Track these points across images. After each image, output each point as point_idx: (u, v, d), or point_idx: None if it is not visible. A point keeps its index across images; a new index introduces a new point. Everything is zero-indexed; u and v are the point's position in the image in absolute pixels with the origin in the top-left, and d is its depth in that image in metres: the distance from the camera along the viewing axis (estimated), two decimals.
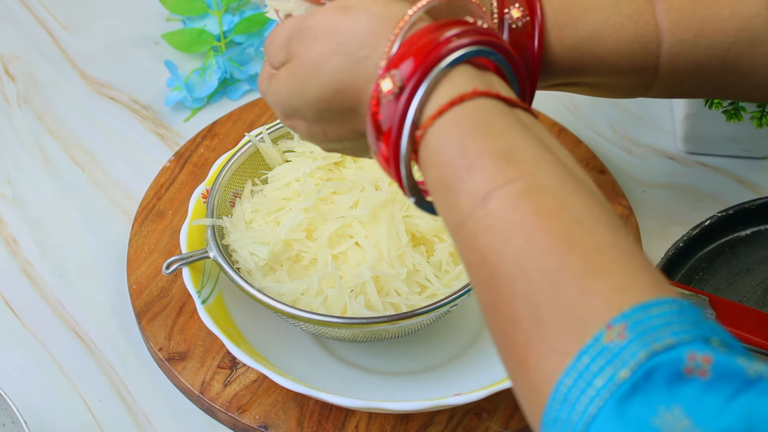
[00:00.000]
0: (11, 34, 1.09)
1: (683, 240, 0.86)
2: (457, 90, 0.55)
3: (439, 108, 0.54)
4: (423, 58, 0.55)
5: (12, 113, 1.02)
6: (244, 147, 0.84)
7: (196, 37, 1.05)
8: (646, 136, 0.99)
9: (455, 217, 0.53)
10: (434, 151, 0.54)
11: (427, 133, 0.54)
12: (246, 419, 0.79)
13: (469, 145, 0.53)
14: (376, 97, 0.57)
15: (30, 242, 0.92)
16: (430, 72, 0.55)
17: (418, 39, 0.56)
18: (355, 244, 0.79)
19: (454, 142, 0.53)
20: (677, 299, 0.47)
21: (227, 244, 0.80)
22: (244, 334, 0.80)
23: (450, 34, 0.55)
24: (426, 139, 0.55)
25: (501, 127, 0.54)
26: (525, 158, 0.52)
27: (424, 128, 0.55)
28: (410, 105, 0.55)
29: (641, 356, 0.45)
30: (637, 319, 0.46)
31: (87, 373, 0.84)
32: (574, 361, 0.46)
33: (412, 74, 0.55)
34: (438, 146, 0.54)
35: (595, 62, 0.69)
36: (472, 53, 0.56)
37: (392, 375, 0.82)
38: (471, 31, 0.56)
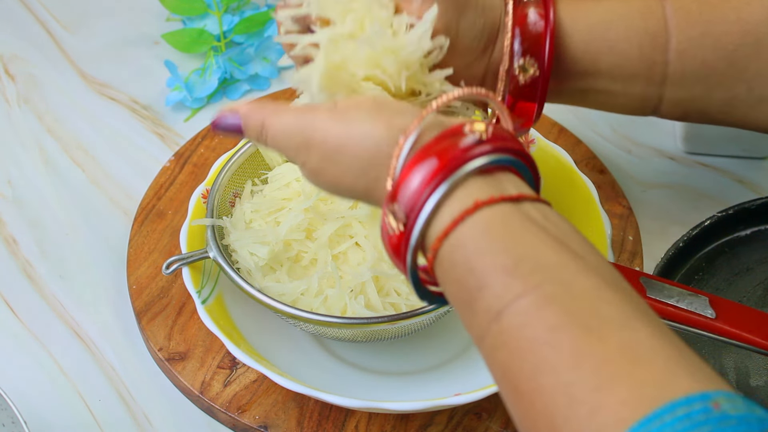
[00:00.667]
0: (11, 34, 1.09)
1: (683, 240, 0.86)
2: (461, 206, 0.55)
3: (445, 229, 0.55)
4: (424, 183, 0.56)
5: (12, 113, 1.02)
6: (244, 147, 0.84)
7: (196, 37, 1.05)
8: (646, 136, 0.99)
9: (475, 332, 0.55)
10: (447, 270, 0.56)
11: (438, 255, 0.56)
12: (246, 419, 0.79)
13: (476, 264, 0.54)
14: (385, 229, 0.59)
15: (30, 242, 0.92)
16: (430, 197, 0.56)
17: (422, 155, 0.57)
18: (355, 244, 0.79)
19: (461, 262, 0.54)
20: (688, 397, 0.47)
21: (227, 244, 0.80)
22: (244, 334, 0.80)
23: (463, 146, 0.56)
24: (438, 260, 0.56)
25: (505, 237, 0.54)
26: (530, 268, 0.53)
27: (434, 250, 0.56)
28: (410, 239, 0.57)
29: None
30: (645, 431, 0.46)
31: (87, 373, 0.84)
32: None
33: (414, 203, 0.56)
34: (450, 265, 0.55)
35: (605, 49, 0.71)
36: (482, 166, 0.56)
37: (392, 375, 0.82)
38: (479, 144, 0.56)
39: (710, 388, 0.47)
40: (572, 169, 0.86)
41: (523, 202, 0.56)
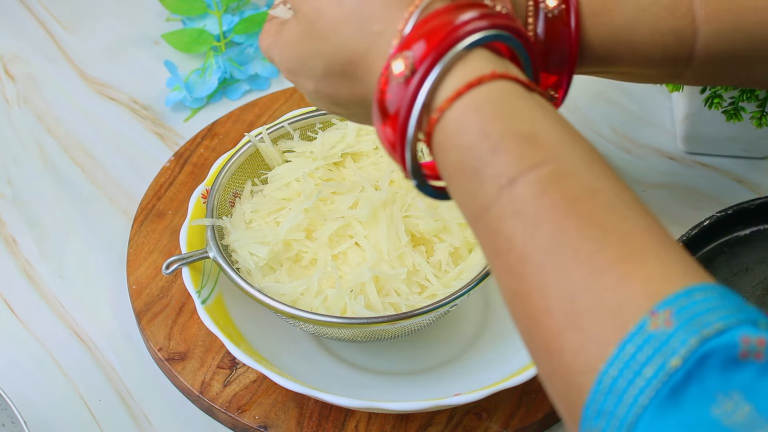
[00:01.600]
0: (11, 34, 1.09)
1: (682, 240, 0.86)
2: (475, 72, 0.52)
3: (457, 90, 0.52)
4: (438, 41, 0.52)
5: (12, 113, 1.02)
6: (244, 147, 0.84)
7: (196, 37, 1.05)
8: (646, 136, 0.99)
9: (478, 202, 0.51)
10: (453, 135, 0.52)
11: (444, 116, 0.52)
12: (246, 419, 0.79)
13: (492, 127, 0.51)
14: (385, 76, 0.54)
15: (30, 242, 0.92)
16: (445, 54, 0.52)
17: (434, 19, 0.53)
18: (355, 244, 0.79)
19: (475, 125, 0.51)
20: (717, 285, 0.46)
21: (227, 244, 0.80)
22: (244, 334, 0.80)
23: (467, 18, 0.53)
24: (443, 122, 0.52)
25: (522, 110, 0.51)
26: (550, 141, 0.50)
27: (440, 111, 0.52)
28: (421, 88, 0.53)
29: (692, 343, 0.43)
30: (681, 305, 0.44)
31: (87, 373, 0.84)
32: (618, 350, 0.44)
33: (426, 56, 0.53)
34: (457, 129, 0.52)
35: (628, 52, 0.67)
36: (489, 38, 0.53)
37: (392, 375, 0.82)
38: (488, 15, 0.54)
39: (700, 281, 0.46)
40: None
41: (533, 91, 0.53)
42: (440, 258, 0.78)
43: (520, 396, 0.80)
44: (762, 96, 0.87)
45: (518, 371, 0.77)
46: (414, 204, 0.79)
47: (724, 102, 0.88)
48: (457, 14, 0.54)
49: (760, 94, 0.87)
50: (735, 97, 0.88)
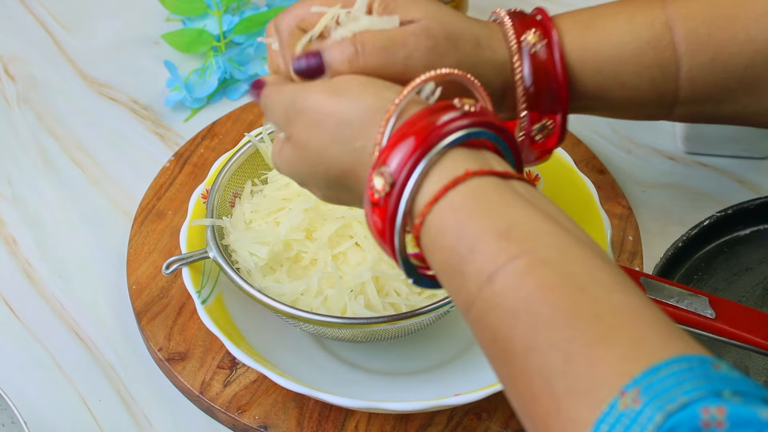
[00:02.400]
0: (11, 34, 1.09)
1: (682, 240, 0.86)
2: (450, 174, 0.55)
3: (434, 195, 0.55)
4: (413, 150, 0.56)
5: (12, 113, 1.02)
6: (244, 147, 0.84)
7: (196, 37, 1.05)
8: (646, 136, 0.99)
9: (464, 298, 0.54)
10: (435, 237, 0.55)
11: (426, 221, 0.56)
12: (246, 419, 0.79)
13: (468, 228, 0.54)
14: (370, 189, 0.58)
15: (30, 242, 0.92)
16: (420, 162, 0.56)
17: (407, 128, 0.57)
18: (355, 245, 0.79)
19: (453, 227, 0.54)
20: (686, 356, 0.48)
21: (227, 244, 0.80)
22: (244, 334, 0.80)
23: (442, 120, 0.56)
24: (426, 226, 0.56)
25: (497, 204, 0.54)
26: (524, 233, 0.53)
27: (422, 216, 0.56)
28: (400, 201, 0.56)
29: (658, 419, 0.45)
30: (648, 383, 0.46)
31: (87, 373, 0.84)
32: (593, 430, 0.47)
33: (402, 167, 0.56)
34: (438, 232, 0.55)
35: (616, 86, 0.70)
36: (462, 138, 0.56)
37: (392, 375, 0.82)
38: (459, 117, 0.57)
39: (707, 354, 0.48)
40: (572, 169, 0.86)
41: (510, 179, 0.56)
42: None
43: None
44: None
45: None
46: None
47: None
48: (432, 118, 0.56)
49: None
50: None
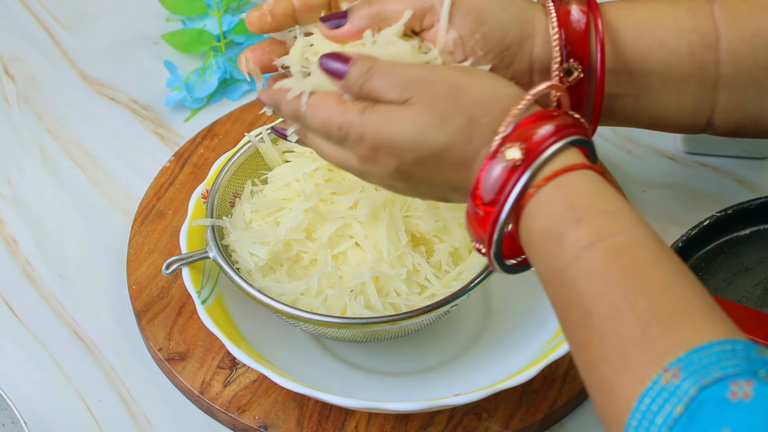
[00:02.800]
0: (11, 34, 1.09)
1: (682, 240, 0.86)
2: (567, 162, 0.61)
3: (554, 172, 0.60)
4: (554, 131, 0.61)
5: (12, 113, 1.02)
6: (244, 147, 0.84)
7: (196, 37, 1.05)
8: (646, 136, 0.99)
9: (557, 262, 0.59)
10: (543, 206, 0.60)
11: (538, 192, 0.60)
12: (246, 419, 0.79)
13: (578, 201, 0.59)
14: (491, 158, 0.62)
15: (30, 242, 0.92)
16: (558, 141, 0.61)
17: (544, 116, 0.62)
18: (355, 245, 0.79)
19: (563, 198, 0.60)
20: (731, 339, 0.52)
21: (227, 244, 0.80)
22: (244, 334, 0.80)
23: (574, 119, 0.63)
24: (536, 197, 0.60)
25: (603, 192, 0.60)
26: (625, 218, 0.59)
27: (536, 187, 0.60)
28: (526, 171, 0.61)
29: (692, 391, 0.50)
30: (690, 360, 0.51)
31: (87, 373, 0.84)
32: (637, 403, 0.52)
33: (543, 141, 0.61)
34: (548, 201, 0.60)
35: (655, 46, 0.71)
36: (578, 141, 0.62)
37: (392, 375, 0.82)
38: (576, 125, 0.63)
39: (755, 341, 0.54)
40: None
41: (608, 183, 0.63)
42: (440, 258, 0.78)
43: (520, 396, 0.80)
44: None
45: (518, 371, 0.77)
46: (414, 204, 0.79)
47: None
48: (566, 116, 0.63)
49: None
50: None
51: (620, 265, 0.56)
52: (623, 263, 0.56)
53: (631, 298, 0.55)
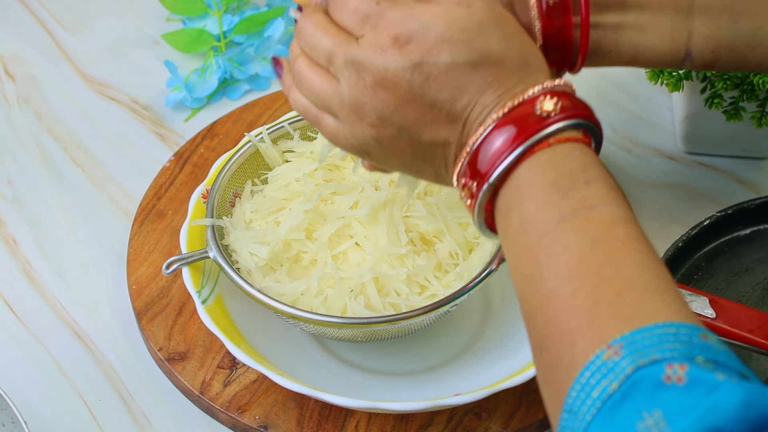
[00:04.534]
0: (11, 34, 1.09)
1: (682, 240, 0.86)
2: (579, 135, 0.61)
3: (575, 137, 0.61)
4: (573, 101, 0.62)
5: (12, 113, 1.02)
6: (244, 147, 0.84)
7: (196, 37, 1.05)
8: (646, 136, 0.99)
9: (554, 213, 0.58)
10: (559, 159, 0.60)
11: (556, 145, 0.60)
12: (246, 419, 0.79)
13: (591, 169, 0.60)
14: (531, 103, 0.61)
15: (30, 242, 0.92)
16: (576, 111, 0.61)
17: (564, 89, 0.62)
18: (355, 245, 0.79)
19: (580, 161, 0.60)
20: (676, 323, 0.53)
21: (227, 244, 0.80)
22: (244, 334, 0.80)
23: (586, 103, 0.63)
24: (553, 148, 0.60)
25: (607, 172, 0.61)
26: (624, 200, 0.60)
27: (556, 140, 0.60)
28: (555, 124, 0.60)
29: (628, 370, 0.51)
30: (632, 339, 0.52)
31: (87, 373, 0.84)
32: (579, 375, 0.53)
33: (566, 109, 0.61)
34: (564, 157, 0.60)
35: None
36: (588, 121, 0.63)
37: (392, 375, 0.82)
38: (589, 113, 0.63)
39: (699, 325, 0.53)
40: None
41: None
42: (440, 258, 0.78)
43: (520, 396, 0.80)
44: (762, 96, 0.87)
45: (518, 371, 0.77)
46: (414, 204, 0.79)
47: (724, 102, 0.88)
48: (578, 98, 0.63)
49: (761, 94, 0.87)
50: (735, 97, 0.88)
51: (613, 232, 0.57)
52: (616, 232, 0.57)
53: (617, 265, 0.56)
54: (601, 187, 0.59)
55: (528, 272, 0.58)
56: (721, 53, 0.74)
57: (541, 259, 0.58)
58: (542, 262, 0.58)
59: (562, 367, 0.54)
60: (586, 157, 0.60)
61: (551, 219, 0.58)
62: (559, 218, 0.58)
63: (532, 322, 0.58)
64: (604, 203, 0.58)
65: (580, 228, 0.57)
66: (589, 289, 0.55)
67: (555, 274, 0.57)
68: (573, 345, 0.54)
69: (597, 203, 0.58)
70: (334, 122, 0.66)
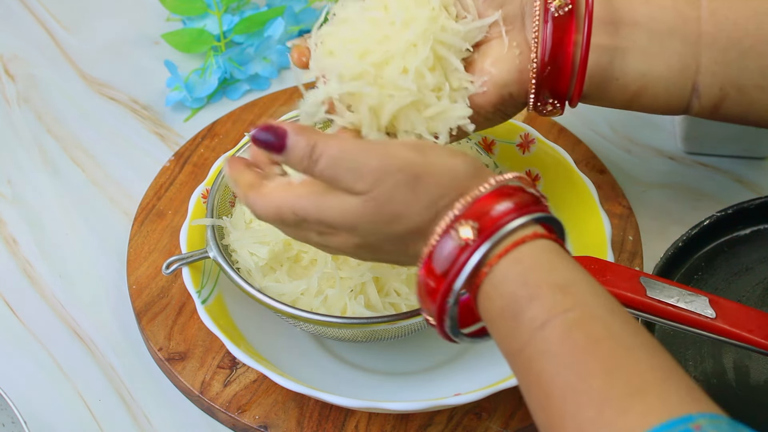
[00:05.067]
0: (11, 34, 1.09)
1: (682, 240, 0.86)
2: (520, 235, 0.60)
3: (506, 248, 0.59)
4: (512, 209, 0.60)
5: (12, 113, 1.02)
6: (244, 147, 0.84)
7: (196, 37, 1.05)
8: (646, 136, 0.99)
9: (515, 342, 0.58)
10: (498, 284, 0.59)
11: (492, 270, 0.60)
12: (246, 419, 0.79)
13: (531, 277, 0.58)
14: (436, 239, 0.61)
15: (30, 242, 0.92)
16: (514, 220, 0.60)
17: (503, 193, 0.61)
18: None
19: (517, 276, 0.59)
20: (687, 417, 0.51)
21: (227, 244, 0.80)
22: (244, 334, 0.80)
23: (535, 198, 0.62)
24: (491, 275, 0.60)
25: (557, 263, 0.59)
26: (579, 290, 0.58)
27: (489, 265, 0.60)
28: (477, 250, 0.60)
29: None
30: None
31: (87, 373, 0.84)
32: None
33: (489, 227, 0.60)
34: (503, 279, 0.59)
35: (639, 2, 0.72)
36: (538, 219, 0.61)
37: (392, 375, 0.82)
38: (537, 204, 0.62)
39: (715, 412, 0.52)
40: (572, 169, 0.86)
41: (562, 246, 0.62)
42: None
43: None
44: None
45: None
46: None
47: None
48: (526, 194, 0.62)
49: None
50: None
51: (571, 344, 0.56)
52: (575, 341, 0.56)
53: (585, 378, 0.54)
54: (546, 294, 0.58)
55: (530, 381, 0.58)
56: (729, 92, 0.73)
57: (524, 379, 0.58)
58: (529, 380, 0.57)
59: None
60: (520, 265, 0.59)
61: (513, 349, 0.58)
62: (519, 348, 0.58)
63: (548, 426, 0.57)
64: (553, 314, 0.57)
65: (538, 356, 0.56)
66: (571, 413, 0.54)
67: (538, 396, 0.57)
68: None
69: (547, 317, 0.57)
70: None
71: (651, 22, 0.72)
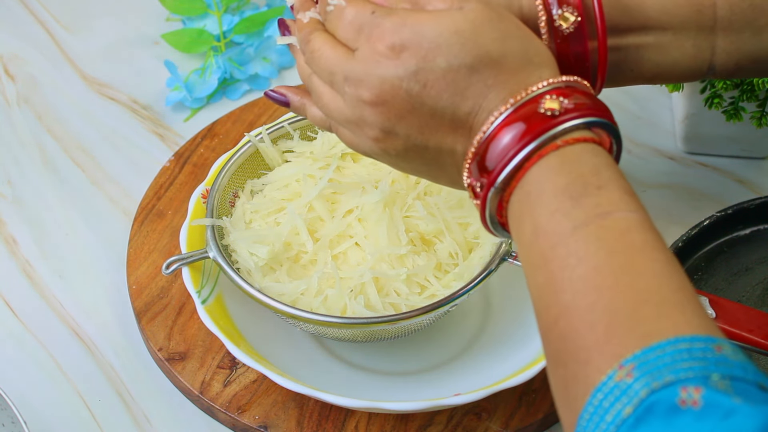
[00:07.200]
0: (11, 34, 1.09)
1: (682, 240, 0.86)
2: (602, 136, 0.61)
3: (585, 137, 0.59)
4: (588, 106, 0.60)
5: (12, 113, 1.02)
6: (244, 147, 0.84)
7: (196, 37, 1.05)
8: (646, 136, 0.99)
9: (566, 222, 0.56)
10: (569, 162, 0.58)
11: (566, 147, 0.59)
12: (246, 419, 0.79)
13: (604, 171, 0.58)
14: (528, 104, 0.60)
15: (30, 242, 0.92)
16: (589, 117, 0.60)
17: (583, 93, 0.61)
18: (354, 245, 0.79)
19: (591, 163, 0.58)
20: (688, 336, 0.51)
21: (227, 244, 0.80)
22: (244, 334, 0.80)
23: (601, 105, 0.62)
24: (563, 150, 0.58)
25: (621, 175, 0.59)
26: (639, 201, 0.58)
27: (565, 142, 0.58)
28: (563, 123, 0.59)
29: (642, 393, 0.49)
30: (645, 359, 0.50)
31: (87, 373, 0.84)
32: (591, 397, 0.51)
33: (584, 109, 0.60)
34: (575, 160, 0.58)
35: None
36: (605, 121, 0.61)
37: (392, 375, 0.82)
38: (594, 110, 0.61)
39: (712, 335, 0.51)
40: None
41: None
42: (440, 258, 0.78)
43: (520, 396, 0.80)
44: (762, 96, 0.87)
45: (518, 371, 0.77)
46: (414, 205, 0.79)
47: (724, 102, 0.88)
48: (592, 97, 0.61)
49: (760, 94, 0.87)
50: (735, 97, 0.88)
51: (629, 240, 0.55)
52: (632, 239, 0.55)
53: (632, 275, 0.54)
54: (614, 191, 0.57)
55: (543, 282, 0.57)
56: (744, 64, 0.73)
57: (556, 270, 0.56)
58: (557, 274, 0.56)
59: (578, 384, 0.53)
60: (598, 158, 0.58)
61: (564, 229, 0.56)
62: (572, 228, 0.56)
63: (548, 335, 0.56)
64: (618, 209, 0.56)
65: (594, 238, 0.55)
66: (605, 302, 0.53)
67: (570, 287, 0.55)
68: (589, 362, 0.52)
69: (611, 210, 0.56)
70: (349, 133, 0.66)
71: (663, 16, 0.70)
